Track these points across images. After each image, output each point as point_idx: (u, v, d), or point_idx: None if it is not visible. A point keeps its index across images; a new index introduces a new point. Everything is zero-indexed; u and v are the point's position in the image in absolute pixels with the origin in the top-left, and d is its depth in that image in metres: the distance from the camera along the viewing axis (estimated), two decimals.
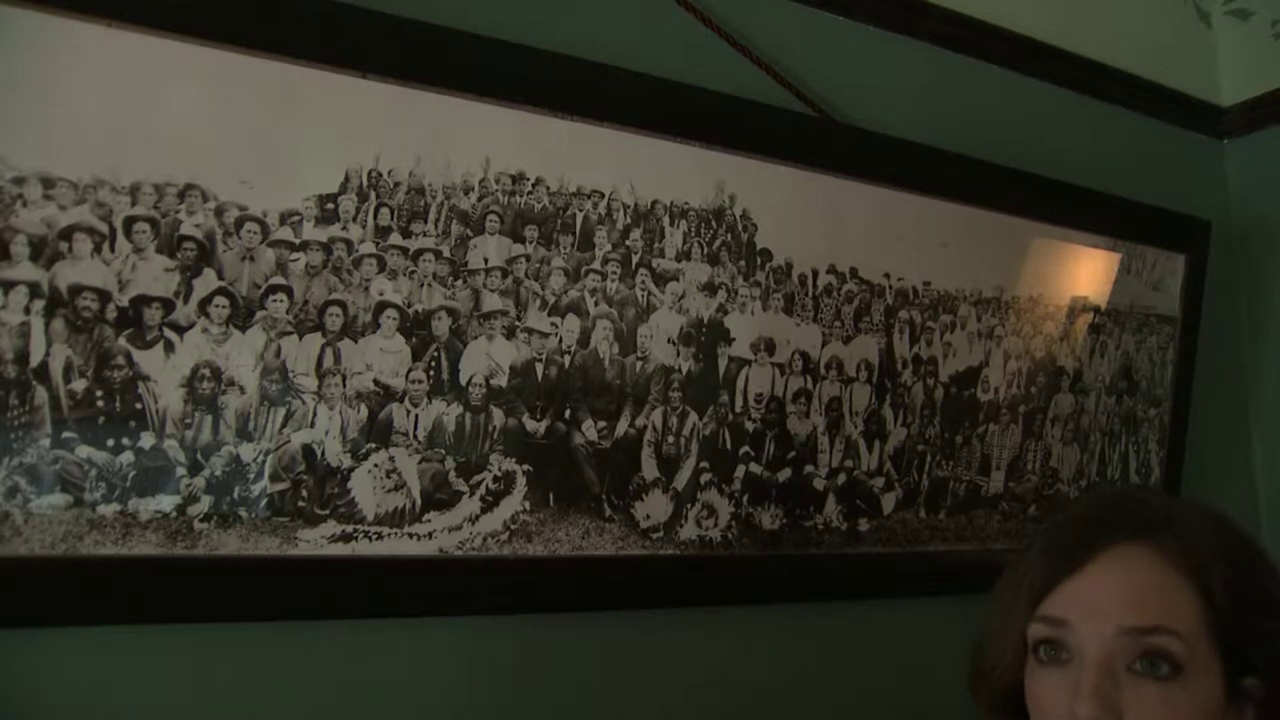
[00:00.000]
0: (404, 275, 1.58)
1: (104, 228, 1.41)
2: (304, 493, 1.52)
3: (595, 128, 1.72)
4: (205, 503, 1.46)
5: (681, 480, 1.82)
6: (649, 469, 1.79)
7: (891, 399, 2.05)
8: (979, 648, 1.24)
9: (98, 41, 1.39)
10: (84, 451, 1.40)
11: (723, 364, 1.86)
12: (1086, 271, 2.33)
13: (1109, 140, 2.46)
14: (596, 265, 1.73)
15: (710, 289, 1.84)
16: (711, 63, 1.87)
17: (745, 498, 1.88)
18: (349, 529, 1.55)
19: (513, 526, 1.66)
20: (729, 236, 1.85)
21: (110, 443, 1.41)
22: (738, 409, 1.88)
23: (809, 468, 1.96)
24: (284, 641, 1.54)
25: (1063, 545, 1.15)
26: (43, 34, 1.36)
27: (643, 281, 1.77)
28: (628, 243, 1.76)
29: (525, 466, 1.67)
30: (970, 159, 2.14)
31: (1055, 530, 1.20)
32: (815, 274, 1.95)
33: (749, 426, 1.89)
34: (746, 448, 1.88)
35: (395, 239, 1.58)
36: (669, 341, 1.80)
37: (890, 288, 2.04)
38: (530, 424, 1.68)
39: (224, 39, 1.46)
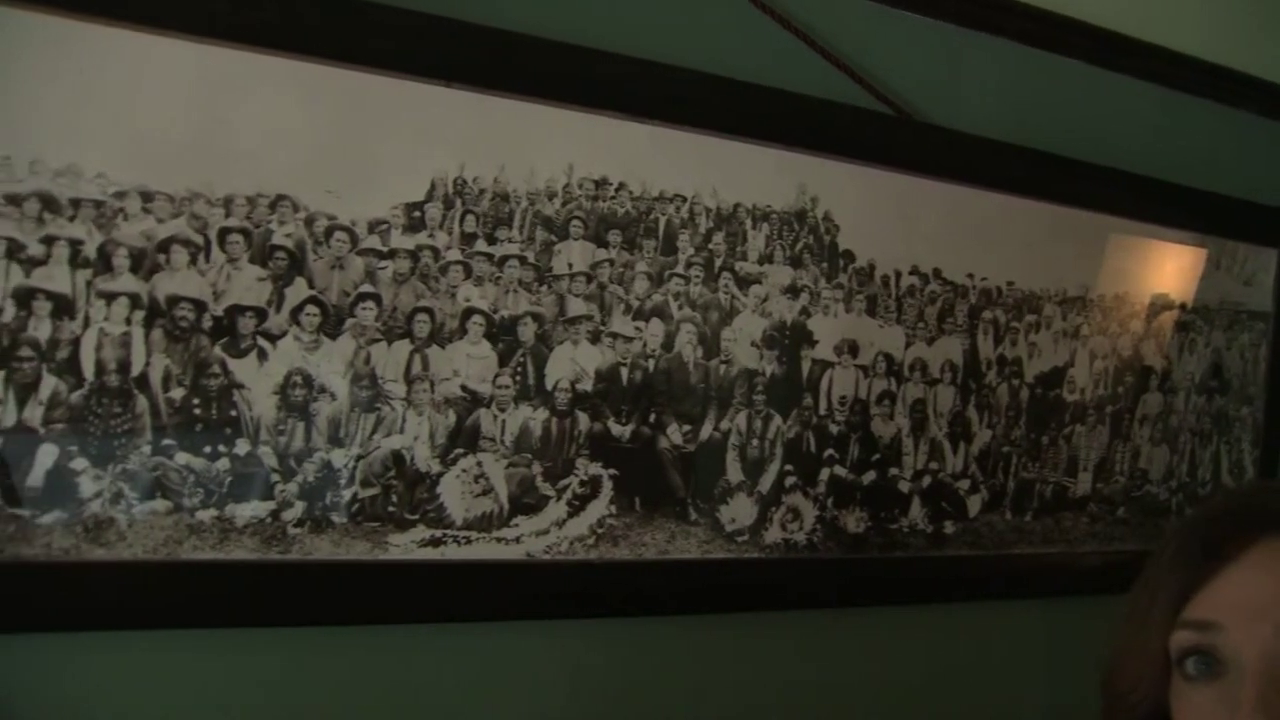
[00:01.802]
0: (490, 281, 1.58)
1: (199, 239, 1.42)
2: (394, 498, 1.52)
3: (676, 131, 1.70)
4: (298, 508, 1.47)
5: (766, 483, 1.79)
6: (734, 472, 1.77)
7: (976, 400, 2.01)
8: (1113, 667, 1.06)
9: (190, 57, 1.40)
10: (182, 458, 1.41)
11: (806, 366, 1.83)
12: (1173, 268, 2.27)
13: (1195, 133, 2.39)
14: (680, 269, 1.71)
15: (793, 291, 1.81)
16: (790, 64, 1.84)
17: (830, 500, 1.86)
18: (438, 534, 1.55)
19: (599, 531, 1.65)
20: (811, 238, 1.83)
21: (207, 449, 1.43)
22: (821, 411, 1.85)
23: (893, 470, 1.92)
24: (375, 645, 1.54)
25: (1204, 543, 0.98)
26: (136, 51, 1.38)
27: (726, 285, 1.75)
28: (710, 246, 1.74)
29: (611, 471, 1.66)
30: (1053, 156, 2.08)
31: (1190, 528, 1.03)
32: (898, 275, 1.92)
33: (833, 429, 1.86)
34: (831, 450, 1.86)
35: (481, 245, 1.57)
36: (752, 344, 1.78)
37: (974, 288, 2.00)
38: (615, 428, 1.66)
39: (311, 51, 1.46)
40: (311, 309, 1.47)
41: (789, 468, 1.81)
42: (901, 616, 1.95)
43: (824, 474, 1.85)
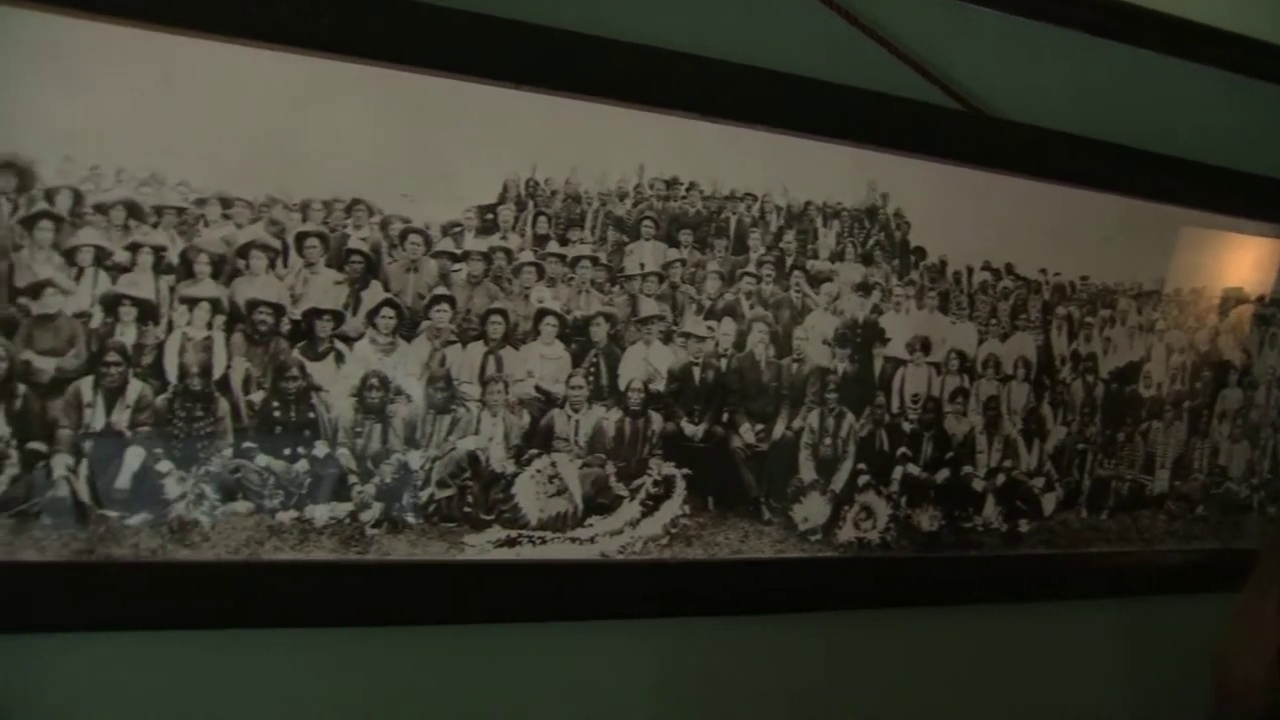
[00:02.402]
0: (562, 282, 1.57)
1: (277, 244, 1.42)
2: (469, 498, 1.52)
3: (746, 130, 1.68)
4: (376, 509, 1.47)
5: (839, 482, 1.77)
6: (806, 471, 1.74)
7: (1050, 396, 1.96)
8: (1224, 670, 1.03)
9: (267, 66, 1.40)
10: (263, 460, 1.42)
11: (878, 364, 1.80)
12: (1251, 260, 2.20)
13: (1271, 121, 2.31)
14: (751, 268, 1.69)
15: (864, 289, 1.79)
16: (859, 60, 1.81)
17: (903, 499, 1.83)
18: (513, 534, 1.54)
19: (673, 530, 1.64)
20: (882, 235, 1.80)
21: (287, 451, 1.43)
22: (894, 409, 1.82)
23: (967, 468, 1.89)
24: (451, 645, 1.55)
25: None
26: (216, 60, 1.38)
27: (797, 283, 1.73)
28: (781, 244, 1.72)
29: (684, 470, 1.65)
30: (1126, 148, 2.03)
31: None
32: (970, 271, 1.88)
33: (906, 427, 1.83)
34: (904, 448, 1.83)
35: (553, 247, 1.57)
36: (824, 343, 1.75)
37: (1047, 283, 1.96)
38: (688, 428, 1.65)
39: (384, 57, 1.46)
40: (387, 312, 1.47)
41: (862, 466, 1.78)
42: (976, 616, 1.92)
43: (897, 472, 1.82)
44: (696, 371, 1.65)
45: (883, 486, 1.80)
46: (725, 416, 1.67)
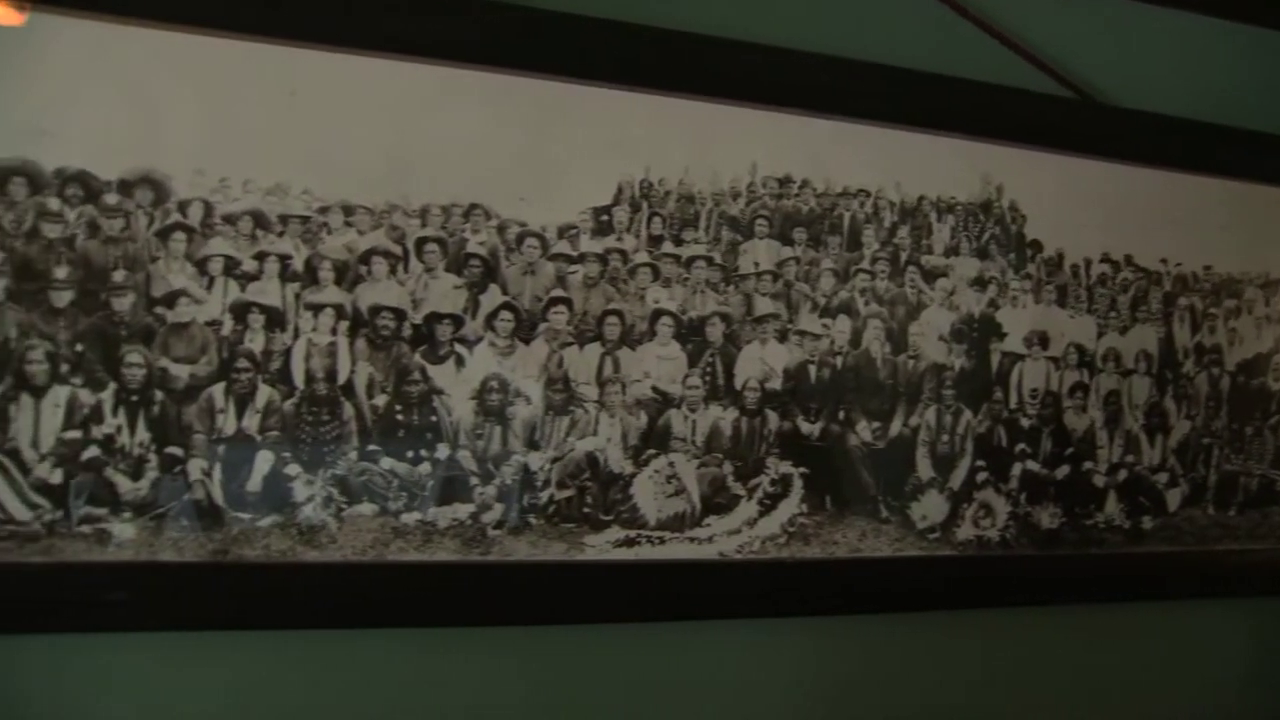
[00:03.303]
0: (678, 283, 1.54)
1: (398, 250, 1.42)
2: (588, 499, 1.49)
3: (858, 126, 1.64)
4: (497, 510, 1.45)
5: (957, 479, 1.70)
6: (924, 468, 1.68)
7: (1174, 390, 1.87)
8: None
9: (386, 75, 1.40)
10: (387, 463, 1.41)
11: (995, 359, 1.73)
12: None
13: None
14: (865, 264, 1.64)
15: (980, 283, 1.72)
16: (970, 52, 1.74)
17: (1022, 496, 1.75)
18: (632, 534, 1.51)
19: (790, 529, 1.59)
20: (998, 229, 1.73)
21: (410, 454, 1.42)
22: (1012, 405, 1.75)
23: (1088, 464, 1.81)
24: (571, 645, 1.52)
25: None
26: (336, 71, 1.39)
27: (912, 279, 1.67)
28: (895, 240, 1.66)
29: (801, 469, 1.60)
30: (1245, 131, 1.93)
31: None
32: (1088, 263, 1.80)
33: (1024, 423, 1.76)
34: (1022, 445, 1.75)
35: (668, 247, 1.54)
36: (940, 339, 1.69)
37: (1168, 274, 1.87)
38: (805, 426, 1.60)
39: (499, 63, 1.45)
40: (505, 315, 1.45)
41: (980, 463, 1.72)
42: (1098, 615, 1.83)
43: (1016, 469, 1.75)
44: (812, 370, 1.60)
45: (1001, 483, 1.73)
46: (842, 414, 1.62)
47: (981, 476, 1.72)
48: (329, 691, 1.43)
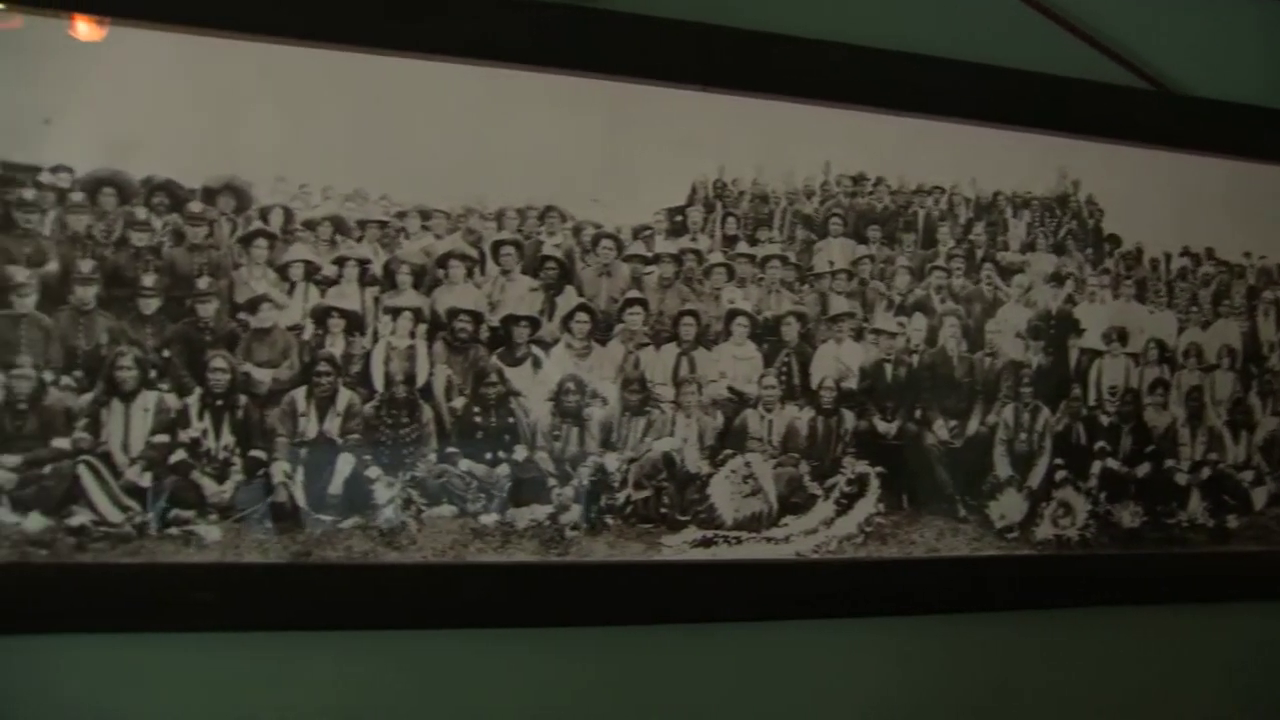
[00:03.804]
0: (752, 282, 1.50)
1: (474, 253, 1.40)
2: (665, 499, 1.46)
3: (932, 122, 1.59)
4: (574, 511, 1.43)
5: (1036, 478, 1.64)
6: (1002, 467, 1.62)
7: (1258, 386, 1.79)
8: None
9: (461, 79, 1.39)
10: (465, 464, 1.39)
11: (1073, 356, 1.67)
12: None
13: None
14: (940, 262, 1.59)
15: (1057, 279, 1.66)
16: (1043, 46, 1.68)
17: (1103, 494, 1.68)
18: (709, 534, 1.48)
19: (867, 529, 1.54)
20: (1074, 224, 1.66)
21: (488, 456, 1.40)
22: (1091, 402, 1.68)
23: (1169, 461, 1.73)
24: (649, 645, 1.49)
25: None
26: (413, 77, 1.37)
27: (988, 276, 1.61)
28: (971, 237, 1.61)
29: (878, 468, 1.55)
30: None
31: None
32: (1168, 257, 1.73)
33: (1104, 420, 1.69)
34: (1102, 442, 1.69)
35: (742, 247, 1.50)
36: (1017, 335, 1.63)
37: (1251, 267, 1.78)
38: (881, 425, 1.55)
39: (572, 66, 1.43)
40: (581, 316, 1.43)
41: (1059, 461, 1.65)
42: (1182, 615, 1.75)
43: (1095, 467, 1.68)
44: (888, 368, 1.56)
45: (1081, 482, 1.66)
46: (918, 413, 1.57)
47: (1060, 475, 1.65)
48: (408, 691, 1.41)
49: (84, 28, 1.28)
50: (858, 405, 1.54)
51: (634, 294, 1.45)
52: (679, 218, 1.47)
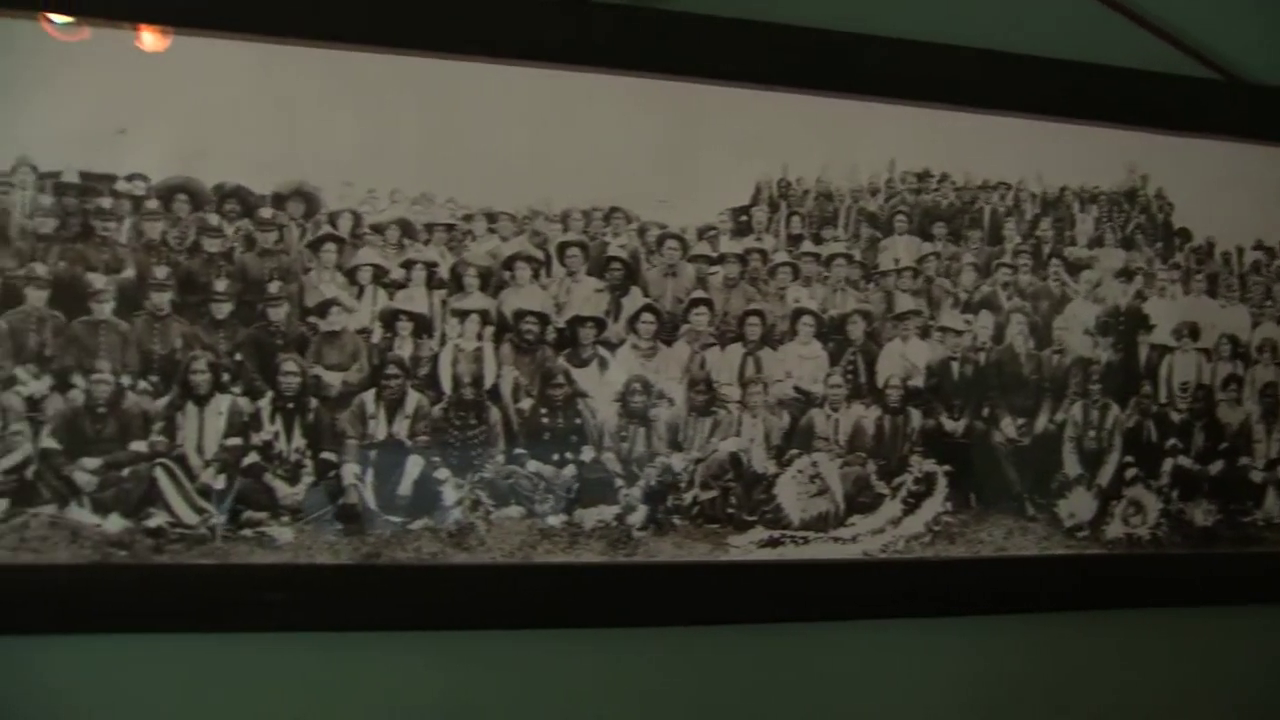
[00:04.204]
0: (818, 281, 1.46)
1: (540, 255, 1.38)
2: (732, 499, 1.43)
3: (997, 117, 1.54)
4: (641, 512, 1.40)
5: (1105, 476, 1.59)
6: (1071, 465, 1.57)
7: None
8: None
9: (526, 82, 1.37)
10: (533, 465, 1.37)
11: (1143, 352, 1.61)
12: None
13: None
14: (1007, 258, 1.54)
15: (1126, 275, 1.60)
16: (1109, 37, 1.62)
17: (1174, 493, 1.63)
18: (776, 534, 1.45)
19: (935, 528, 1.50)
20: (1143, 218, 1.61)
21: (555, 457, 1.38)
22: (1162, 399, 1.62)
23: (1244, 459, 1.67)
24: (717, 645, 1.46)
25: None
26: (478, 80, 1.36)
27: (1055, 272, 1.56)
28: (1037, 233, 1.56)
29: (945, 467, 1.51)
30: None
31: None
32: (1240, 251, 1.67)
33: (1175, 417, 1.63)
34: (1173, 440, 1.63)
35: (807, 246, 1.46)
36: (1085, 332, 1.58)
37: None
38: (948, 423, 1.51)
39: (636, 67, 1.41)
40: (647, 317, 1.40)
41: (1129, 459, 1.60)
42: (1259, 615, 1.69)
43: (1167, 465, 1.62)
44: (955, 366, 1.51)
45: (1152, 480, 1.61)
46: (985, 411, 1.53)
47: (1131, 473, 1.60)
48: (477, 691, 1.40)
49: (151, 39, 1.27)
50: (924, 404, 1.50)
51: (699, 294, 1.42)
52: (744, 217, 1.44)
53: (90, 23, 1.25)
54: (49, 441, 1.25)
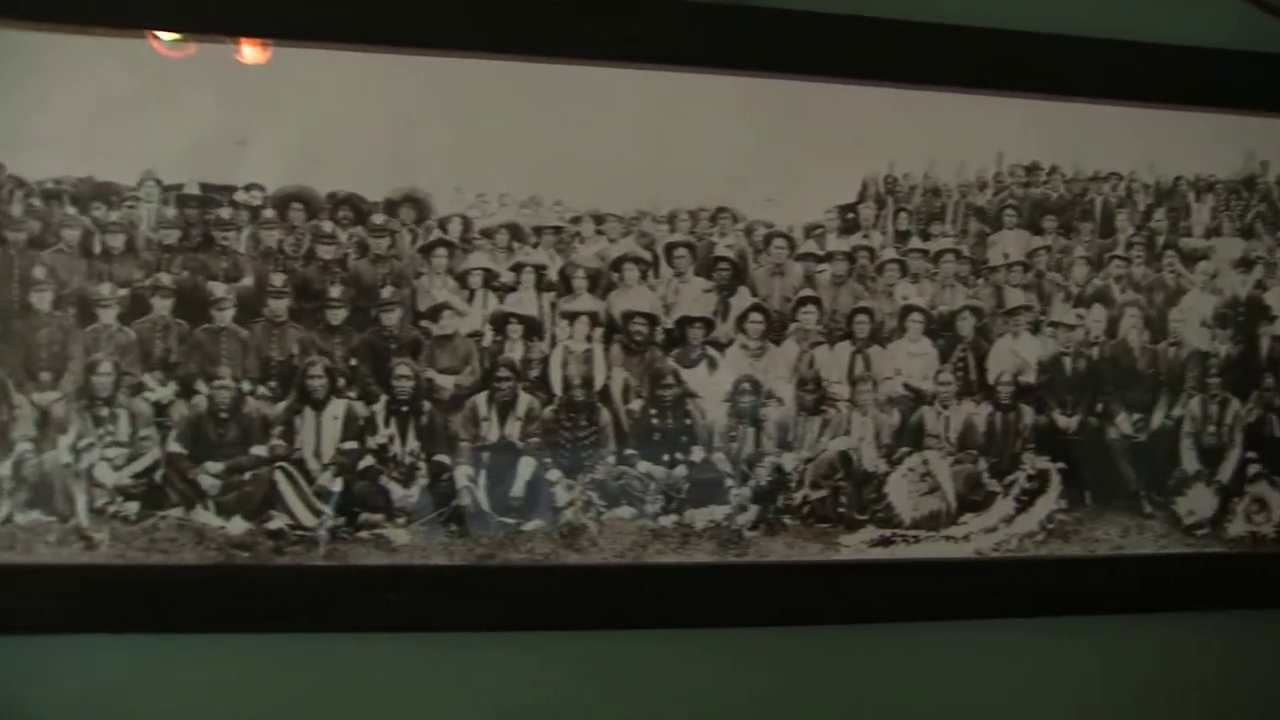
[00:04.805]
0: (926, 278, 1.41)
1: (648, 256, 1.35)
2: (843, 499, 1.39)
3: (1107, 107, 1.47)
4: (752, 512, 1.36)
5: (1226, 472, 1.50)
6: (1189, 461, 1.49)
7: None
8: None
9: (633, 84, 1.34)
10: (643, 466, 1.34)
11: (1264, 344, 1.52)
12: None
13: None
14: (1120, 250, 1.47)
15: (1245, 264, 1.52)
16: (1221, 19, 1.53)
17: None
18: (887, 533, 1.40)
19: (1049, 526, 1.44)
20: (1263, 206, 1.52)
21: (665, 457, 1.35)
22: None
23: None
24: (827, 645, 1.42)
25: None
26: (586, 83, 1.33)
27: (1170, 263, 1.49)
28: (1151, 224, 1.48)
29: (1058, 464, 1.44)
30: None
31: None
32: None
33: None
34: None
35: (915, 242, 1.41)
36: (1203, 324, 1.50)
37: None
38: (1061, 420, 1.44)
39: (739, 66, 1.37)
40: (755, 316, 1.36)
41: (1251, 455, 1.51)
42: None
43: None
44: (1067, 361, 1.45)
45: (1276, 476, 1.52)
46: (1099, 407, 1.46)
47: (1254, 469, 1.51)
48: (589, 691, 1.37)
49: (264, 52, 1.27)
50: (1036, 400, 1.44)
51: (807, 292, 1.38)
52: (850, 215, 1.39)
53: (197, 38, 1.25)
54: (175, 446, 1.26)
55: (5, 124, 1.22)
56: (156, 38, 1.25)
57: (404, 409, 1.30)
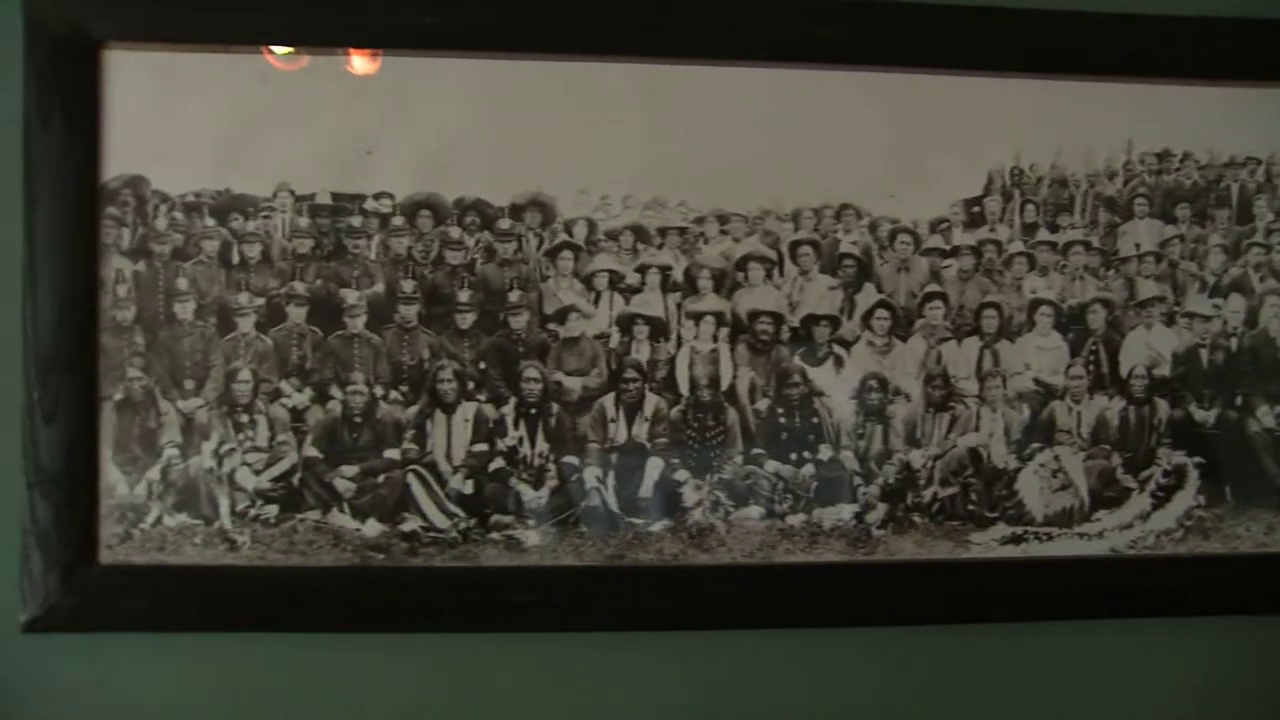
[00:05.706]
0: (1055, 270, 1.34)
1: (772, 254, 1.30)
2: (972, 496, 1.32)
3: (1244, 89, 1.38)
4: (880, 510, 1.31)
5: None
6: None
7: None
8: None
9: (756, 82, 1.30)
10: (771, 466, 1.30)
11: None
12: None
13: None
14: (1259, 238, 1.38)
15: None
16: None
17: None
18: (1019, 530, 1.33)
19: (1187, 523, 1.36)
20: None
21: (793, 456, 1.30)
22: None
23: None
24: (958, 644, 1.36)
25: None
26: (707, 82, 1.30)
27: None
28: None
29: (1196, 459, 1.36)
30: None
31: None
32: None
33: None
34: None
35: (1043, 234, 1.34)
36: None
37: None
38: (1198, 413, 1.36)
39: (861, 61, 1.31)
40: (881, 313, 1.31)
41: None
42: None
43: None
44: (1204, 353, 1.36)
45: None
46: (1239, 400, 1.37)
47: None
48: (721, 690, 1.33)
49: (385, 63, 1.25)
50: (1172, 393, 1.36)
51: (933, 288, 1.32)
52: (976, 208, 1.33)
53: (310, 51, 1.24)
54: (311, 450, 1.25)
55: (149, 141, 1.22)
56: (272, 52, 1.24)
57: (533, 411, 1.27)
